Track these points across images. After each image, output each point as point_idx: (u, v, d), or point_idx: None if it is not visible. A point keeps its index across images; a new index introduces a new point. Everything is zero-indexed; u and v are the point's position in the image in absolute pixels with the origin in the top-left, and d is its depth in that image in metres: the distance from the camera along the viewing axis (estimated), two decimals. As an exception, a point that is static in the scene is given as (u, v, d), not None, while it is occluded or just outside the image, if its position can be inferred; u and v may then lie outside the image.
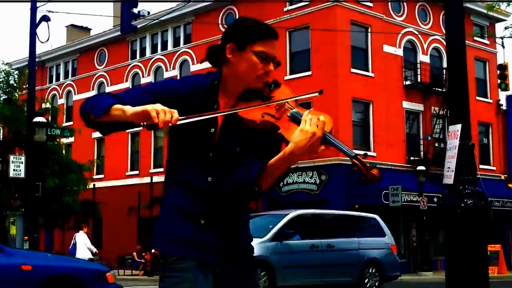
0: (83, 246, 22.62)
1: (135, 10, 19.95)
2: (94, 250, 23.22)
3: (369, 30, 34.34)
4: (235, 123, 3.01)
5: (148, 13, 40.27)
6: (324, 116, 2.90)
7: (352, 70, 33.09)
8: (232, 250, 3.06)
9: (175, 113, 2.77)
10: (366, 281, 18.48)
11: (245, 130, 3.01)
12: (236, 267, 3.08)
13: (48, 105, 34.95)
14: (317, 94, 3.01)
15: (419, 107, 36.48)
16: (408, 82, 36.13)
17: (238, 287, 3.09)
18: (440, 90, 36.46)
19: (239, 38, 3.02)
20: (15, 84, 30.99)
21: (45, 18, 23.11)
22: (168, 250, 3.05)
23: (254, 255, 3.20)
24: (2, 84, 30.47)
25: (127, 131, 42.36)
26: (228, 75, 3.06)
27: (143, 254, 34.51)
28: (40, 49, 52.40)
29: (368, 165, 2.82)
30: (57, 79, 49.43)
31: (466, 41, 8.03)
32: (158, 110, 2.74)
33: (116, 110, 2.84)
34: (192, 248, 3.01)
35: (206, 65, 3.19)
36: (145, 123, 2.77)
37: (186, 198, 3.04)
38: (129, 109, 2.81)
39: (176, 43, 41.49)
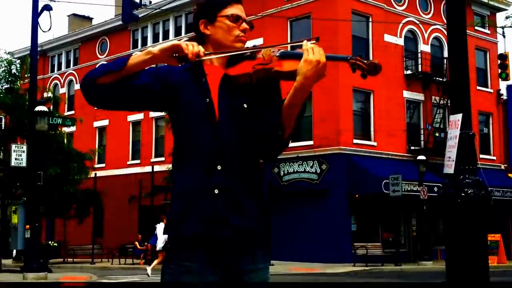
0: (162, 238, 22.96)
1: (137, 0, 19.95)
2: None
3: (370, 20, 34.30)
4: (231, 85, 3.06)
5: (150, 2, 40.21)
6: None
7: (353, 59, 33.00)
8: (244, 227, 2.93)
9: (201, 48, 2.96)
10: None
11: (243, 87, 3.05)
12: (245, 257, 2.96)
13: (49, 94, 34.93)
14: (315, 41, 3.08)
15: (420, 96, 36.47)
16: (408, 72, 36.11)
17: (246, 279, 2.97)
18: (441, 79, 36.43)
19: (207, 12, 3.17)
20: (17, 73, 30.95)
21: (47, 7, 23.11)
22: (177, 233, 2.97)
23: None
24: (4, 73, 30.42)
25: (128, 120, 42.59)
26: (210, 48, 3.15)
27: (145, 243, 34.59)
28: (42, 38, 52.66)
29: (365, 60, 2.98)
30: (59, 68, 49.39)
31: (467, 31, 8.05)
32: (187, 43, 2.91)
33: (137, 57, 2.98)
34: (202, 227, 2.91)
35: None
36: (176, 54, 2.92)
37: (196, 172, 2.96)
38: (156, 48, 2.95)
39: (177, 32, 41.42)
